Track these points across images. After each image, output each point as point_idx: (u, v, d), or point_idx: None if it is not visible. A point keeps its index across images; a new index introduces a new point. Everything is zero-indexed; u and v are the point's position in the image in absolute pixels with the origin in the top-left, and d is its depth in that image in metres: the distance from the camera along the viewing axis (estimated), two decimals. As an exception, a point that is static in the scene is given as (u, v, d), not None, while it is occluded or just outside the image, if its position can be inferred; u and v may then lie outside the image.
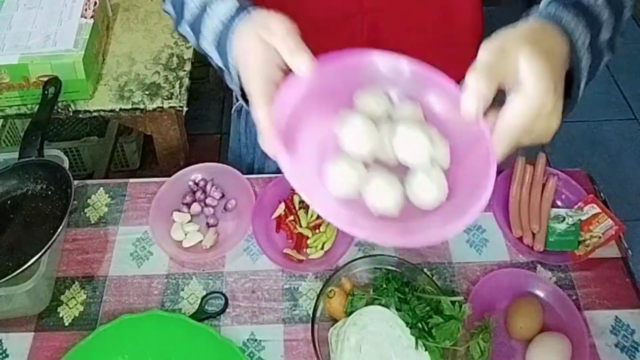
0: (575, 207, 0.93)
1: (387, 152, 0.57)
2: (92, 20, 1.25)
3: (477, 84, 0.50)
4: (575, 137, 2.30)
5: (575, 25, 0.58)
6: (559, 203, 0.95)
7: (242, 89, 0.64)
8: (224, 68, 0.67)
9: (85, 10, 1.27)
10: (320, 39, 0.65)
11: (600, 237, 0.88)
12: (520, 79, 0.50)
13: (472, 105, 0.51)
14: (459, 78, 0.61)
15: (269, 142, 0.54)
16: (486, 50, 0.52)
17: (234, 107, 1.12)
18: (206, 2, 0.68)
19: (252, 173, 1.13)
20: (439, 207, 0.55)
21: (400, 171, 0.57)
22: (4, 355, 0.81)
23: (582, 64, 0.58)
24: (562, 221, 0.91)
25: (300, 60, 0.54)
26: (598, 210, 0.91)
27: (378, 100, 0.59)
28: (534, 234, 0.90)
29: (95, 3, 1.29)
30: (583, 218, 0.91)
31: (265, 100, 0.55)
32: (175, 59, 1.35)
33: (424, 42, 0.81)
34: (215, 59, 0.69)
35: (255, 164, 1.11)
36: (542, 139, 0.55)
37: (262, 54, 0.56)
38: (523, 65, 0.50)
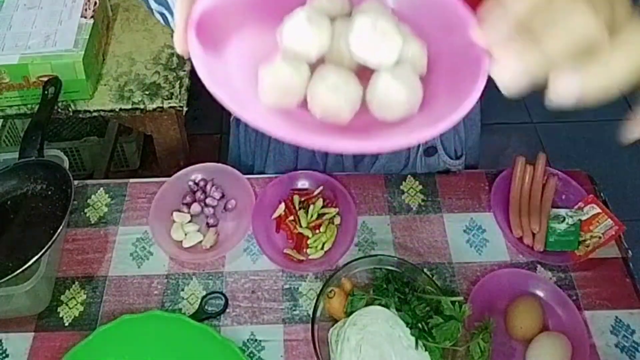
0: (575, 207, 0.93)
1: (342, 54, 0.44)
2: (92, 20, 1.25)
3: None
4: (575, 137, 2.30)
5: None
6: (559, 203, 0.95)
7: None
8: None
9: (85, 10, 1.27)
10: None
11: (600, 237, 0.88)
12: None
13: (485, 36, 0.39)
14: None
15: (180, 35, 0.43)
16: None
17: (233, 116, 1.12)
18: None
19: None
20: (408, 119, 0.42)
21: (363, 79, 0.43)
22: (4, 355, 0.81)
23: None
24: (562, 221, 0.91)
25: None
26: (598, 210, 0.90)
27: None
28: (534, 234, 0.90)
29: (95, 3, 1.29)
30: (583, 218, 0.91)
31: None
32: (175, 59, 1.35)
33: None
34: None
35: (255, 171, 1.12)
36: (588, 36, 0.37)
37: None
38: None
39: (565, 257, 0.89)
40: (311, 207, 0.93)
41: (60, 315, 0.85)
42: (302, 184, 0.97)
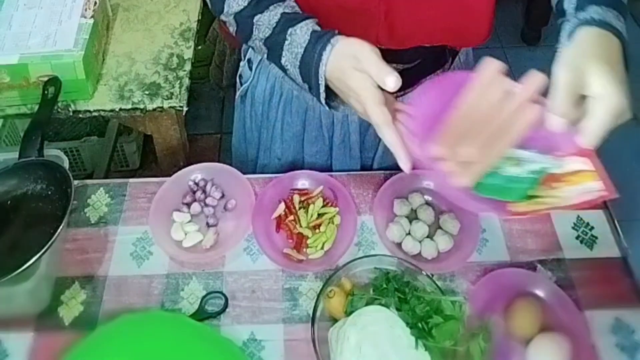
0: (553, 154, 0.66)
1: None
2: (92, 20, 1.25)
3: (560, 104, 0.61)
4: (575, 137, 2.30)
5: (619, 23, 0.68)
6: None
7: (325, 94, 0.74)
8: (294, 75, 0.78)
9: (85, 10, 1.27)
10: (340, 24, 0.77)
11: (565, 198, 0.65)
12: (595, 92, 0.60)
13: (560, 122, 0.62)
14: (470, 45, 0.96)
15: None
16: (564, 72, 0.62)
17: (238, 93, 1.13)
18: (283, 26, 0.77)
19: (258, 157, 1.15)
20: None
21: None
22: (4, 355, 0.81)
23: (627, 45, 0.67)
24: (519, 165, 0.66)
25: (386, 77, 0.66)
26: (588, 167, 0.65)
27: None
28: (463, 165, 0.63)
29: (95, 3, 1.29)
30: (555, 170, 0.66)
31: (388, 123, 0.67)
32: (175, 59, 1.35)
33: (439, 19, 0.83)
34: (292, 73, 0.78)
35: (261, 147, 1.12)
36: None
37: (361, 81, 0.68)
38: (596, 81, 0.60)
39: (491, 206, 0.66)
40: (311, 207, 0.93)
41: (60, 315, 0.85)
42: (302, 183, 0.97)
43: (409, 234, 0.91)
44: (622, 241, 0.91)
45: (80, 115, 1.26)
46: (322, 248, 0.89)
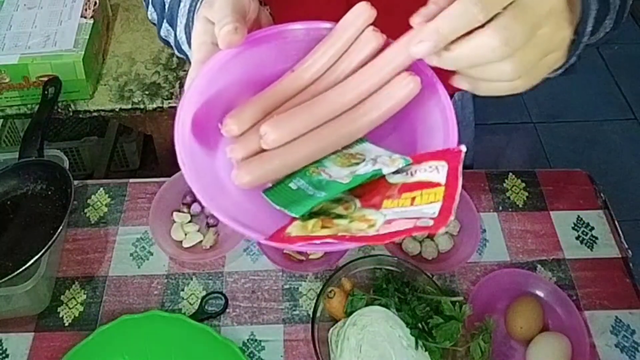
0: (410, 158, 0.45)
1: None
2: (92, 20, 1.25)
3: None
4: (575, 137, 2.30)
5: None
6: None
7: None
8: None
9: (85, 10, 1.27)
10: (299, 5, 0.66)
11: (374, 224, 0.42)
12: None
13: (425, 42, 0.41)
14: None
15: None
16: None
17: None
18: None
19: None
20: None
21: None
22: (4, 355, 0.81)
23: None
24: (353, 165, 0.46)
25: (224, 30, 0.45)
26: (440, 179, 0.42)
27: None
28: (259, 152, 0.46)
29: (95, 3, 1.29)
30: (394, 179, 0.44)
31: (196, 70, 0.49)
32: (175, 59, 1.35)
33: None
34: (187, 50, 0.65)
35: None
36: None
37: (203, 30, 0.50)
38: None
39: (266, 225, 0.47)
40: (311, 207, 0.93)
41: (60, 315, 0.85)
42: (302, 184, 0.96)
43: None
44: (622, 241, 0.91)
45: (80, 116, 1.26)
46: (322, 248, 0.89)
